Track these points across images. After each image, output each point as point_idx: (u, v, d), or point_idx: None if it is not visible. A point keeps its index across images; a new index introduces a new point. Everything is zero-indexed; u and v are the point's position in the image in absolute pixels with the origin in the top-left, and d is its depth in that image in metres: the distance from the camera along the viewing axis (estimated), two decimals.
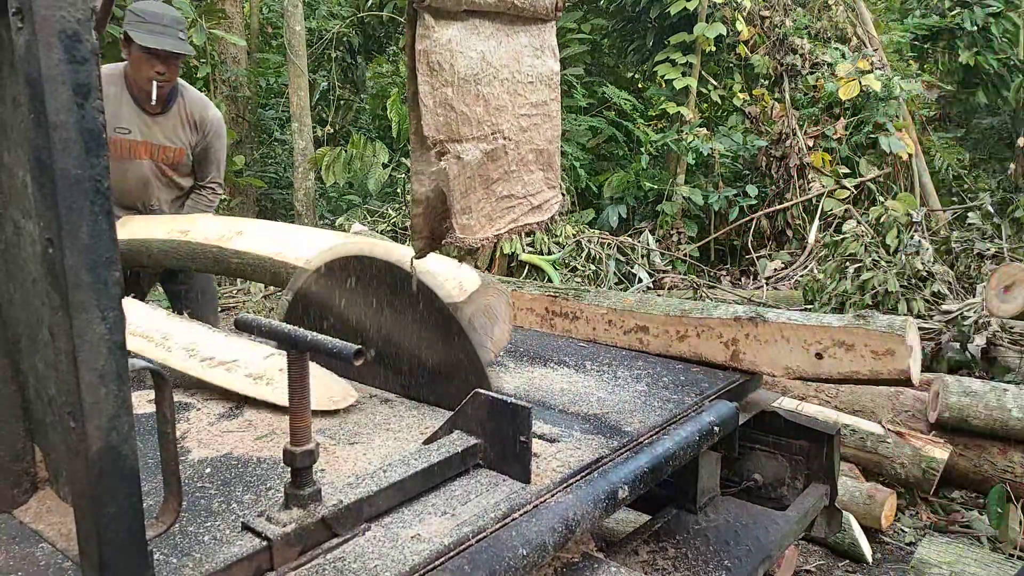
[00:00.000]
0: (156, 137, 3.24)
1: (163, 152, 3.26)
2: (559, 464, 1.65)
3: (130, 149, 3.18)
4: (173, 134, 3.27)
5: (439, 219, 1.74)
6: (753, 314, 2.27)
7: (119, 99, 3.12)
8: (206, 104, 3.41)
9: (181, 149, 3.31)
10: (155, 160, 3.26)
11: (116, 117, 3.10)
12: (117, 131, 3.11)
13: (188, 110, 3.30)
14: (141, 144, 3.20)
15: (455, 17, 1.61)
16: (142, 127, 3.19)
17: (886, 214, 6.39)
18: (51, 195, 0.83)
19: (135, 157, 3.20)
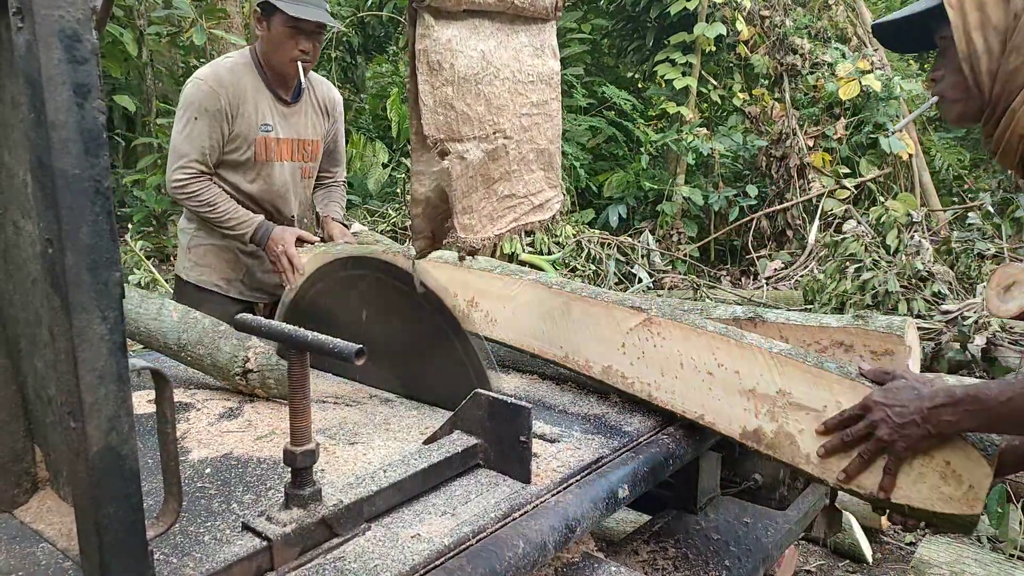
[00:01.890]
0: (295, 131, 2.77)
1: (303, 148, 2.80)
2: (559, 464, 1.65)
3: (273, 149, 2.70)
4: (309, 124, 2.82)
5: (440, 219, 1.74)
6: (752, 314, 2.27)
7: (258, 91, 2.64)
8: (329, 84, 2.96)
9: (318, 142, 2.85)
10: (295, 160, 2.79)
11: (258, 113, 2.63)
12: (261, 129, 2.64)
13: (317, 94, 2.84)
14: (284, 142, 2.73)
15: (455, 17, 1.61)
16: (282, 122, 2.72)
17: (886, 214, 6.39)
18: (51, 195, 0.83)
19: (276, 159, 2.72)
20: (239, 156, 2.67)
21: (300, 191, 2.86)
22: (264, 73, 2.67)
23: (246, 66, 2.67)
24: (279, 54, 2.61)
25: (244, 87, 2.62)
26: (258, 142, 2.66)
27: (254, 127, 2.65)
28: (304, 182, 2.87)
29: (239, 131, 2.62)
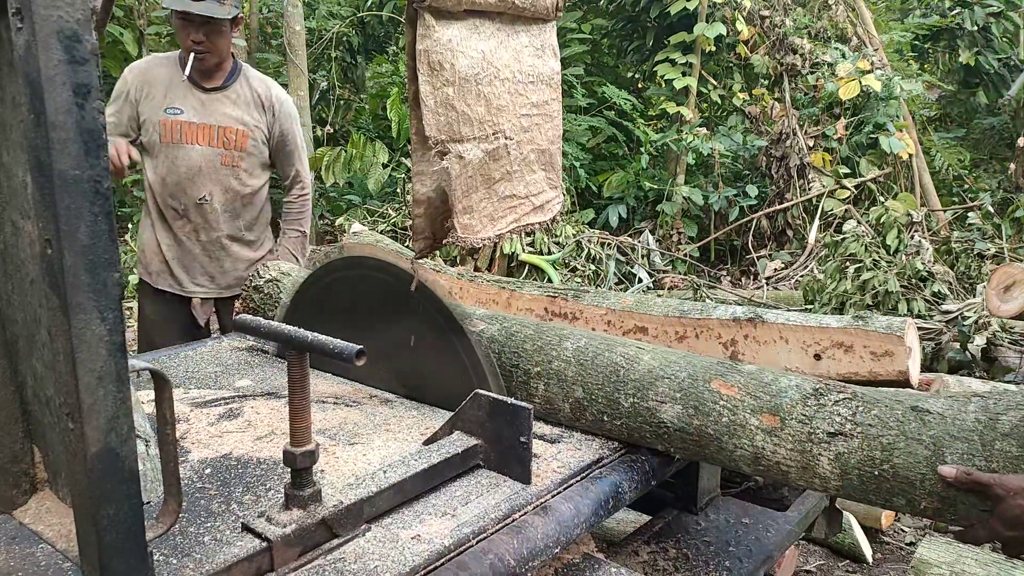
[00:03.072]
0: (215, 117, 2.88)
1: (223, 134, 2.89)
2: (559, 465, 1.65)
3: (181, 131, 2.83)
4: (234, 114, 2.92)
5: (441, 219, 1.74)
6: (752, 315, 2.27)
7: (171, 79, 2.84)
8: (273, 84, 3.08)
9: (245, 132, 2.93)
10: (213, 145, 2.88)
11: (167, 97, 2.82)
12: (167, 112, 2.82)
13: (252, 87, 2.97)
14: (197, 127, 2.86)
15: (456, 17, 1.61)
16: (197, 106, 2.86)
17: (886, 214, 6.38)
18: (50, 195, 0.82)
19: (186, 141, 2.84)
20: (148, 137, 2.88)
21: (222, 179, 2.93)
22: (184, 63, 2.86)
23: (168, 57, 2.93)
24: (181, 46, 2.83)
25: (157, 74, 2.85)
26: (163, 124, 2.84)
27: (159, 110, 2.83)
28: (228, 171, 2.94)
29: (145, 114, 2.84)
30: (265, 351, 2.39)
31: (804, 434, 1.49)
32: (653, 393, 1.68)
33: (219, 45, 2.84)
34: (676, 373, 1.68)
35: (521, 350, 1.87)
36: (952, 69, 10.09)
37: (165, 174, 2.88)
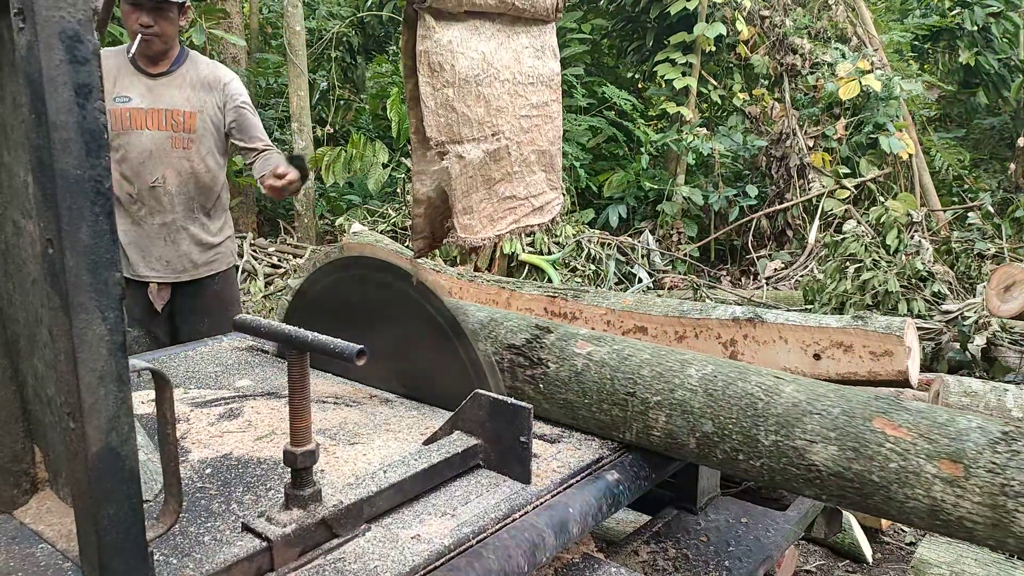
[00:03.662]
0: (163, 101, 2.92)
1: (171, 117, 2.92)
2: (559, 464, 1.65)
3: (130, 118, 2.87)
4: (182, 96, 2.95)
5: (440, 219, 1.74)
6: (751, 315, 2.27)
7: (119, 69, 2.88)
8: (217, 65, 3.11)
9: (192, 113, 2.95)
10: (162, 129, 2.91)
11: (114, 86, 2.86)
12: (116, 101, 2.85)
13: (198, 71, 3.00)
14: (146, 112, 2.89)
15: (456, 18, 1.61)
16: (144, 92, 2.89)
17: (886, 214, 6.39)
18: (51, 195, 0.83)
19: (135, 127, 2.88)
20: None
21: (174, 161, 2.96)
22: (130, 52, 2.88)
23: (117, 50, 2.95)
24: (128, 29, 2.84)
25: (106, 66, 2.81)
26: (112, 113, 2.84)
27: (108, 100, 2.81)
28: (180, 153, 2.96)
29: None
30: (265, 351, 2.40)
31: (995, 486, 1.29)
32: (800, 431, 1.48)
33: (166, 30, 2.87)
34: (828, 408, 1.49)
35: (637, 376, 1.70)
36: (952, 69, 10.09)
37: (119, 160, 2.91)
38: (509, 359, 1.91)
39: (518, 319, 2.01)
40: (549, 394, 1.83)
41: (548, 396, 1.84)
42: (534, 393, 1.86)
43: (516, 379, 1.91)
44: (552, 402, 1.84)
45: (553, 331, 1.92)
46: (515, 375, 1.91)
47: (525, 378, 1.89)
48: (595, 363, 1.77)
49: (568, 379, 1.80)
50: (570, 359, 1.82)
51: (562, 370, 1.82)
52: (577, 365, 1.80)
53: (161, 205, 2.96)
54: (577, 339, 1.86)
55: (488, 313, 2.07)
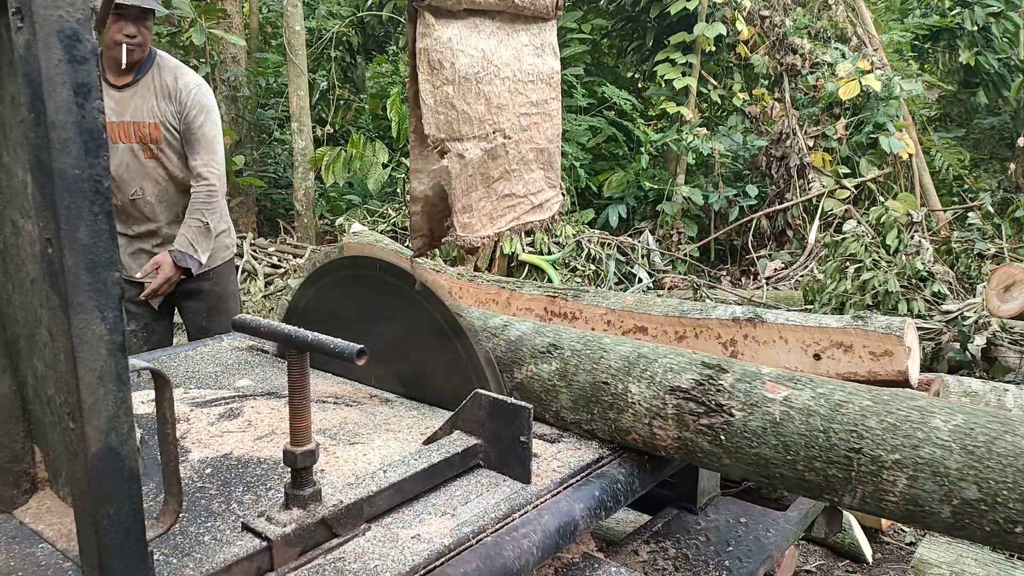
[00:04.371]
0: (128, 114, 2.88)
1: (138, 130, 2.89)
2: (559, 464, 1.65)
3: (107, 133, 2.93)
4: (145, 107, 2.90)
5: (439, 218, 1.74)
6: (751, 315, 2.27)
7: None
8: (182, 70, 2.99)
9: (155, 124, 2.90)
10: (132, 141, 2.89)
11: None
12: None
13: (161, 78, 2.92)
14: (115, 126, 2.86)
15: (456, 16, 1.61)
16: (113, 106, 2.86)
17: (886, 214, 6.39)
18: (50, 195, 0.83)
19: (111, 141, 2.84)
20: None
21: (150, 171, 2.95)
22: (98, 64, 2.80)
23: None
24: (106, 39, 2.74)
25: None
26: None
27: None
28: (154, 163, 2.95)
29: None
30: (265, 351, 2.39)
31: None
32: None
33: (147, 38, 2.86)
34: None
35: (862, 428, 1.41)
36: (952, 69, 10.10)
37: None
38: (675, 405, 1.61)
39: (675, 355, 1.71)
40: (734, 448, 1.54)
41: (733, 450, 1.54)
42: (711, 446, 1.57)
43: (686, 428, 1.60)
44: (738, 457, 1.54)
45: (728, 370, 1.62)
46: (683, 423, 1.60)
47: (699, 428, 1.58)
48: (798, 411, 1.48)
49: (761, 430, 1.50)
50: (761, 406, 1.51)
51: (752, 419, 1.51)
52: (773, 413, 1.49)
53: (144, 215, 2.98)
54: (764, 380, 1.57)
55: (632, 347, 1.78)
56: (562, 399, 1.81)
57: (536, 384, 1.85)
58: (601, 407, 1.73)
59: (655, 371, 1.68)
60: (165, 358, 2.34)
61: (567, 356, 1.83)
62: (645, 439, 1.67)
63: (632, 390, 1.68)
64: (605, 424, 1.74)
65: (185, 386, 2.06)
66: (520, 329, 1.97)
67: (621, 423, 1.70)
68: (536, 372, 1.86)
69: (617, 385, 1.71)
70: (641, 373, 1.69)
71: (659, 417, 1.63)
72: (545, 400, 1.83)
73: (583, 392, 1.76)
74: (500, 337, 1.96)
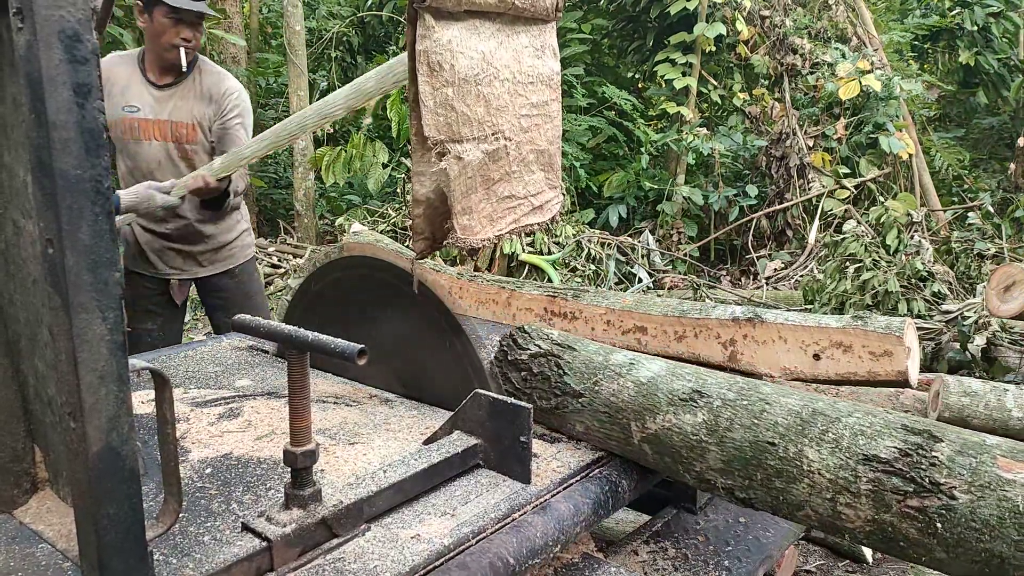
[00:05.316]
0: (167, 113, 2.99)
1: (176, 130, 3.00)
2: (559, 464, 1.65)
3: (139, 129, 2.95)
4: (185, 108, 3.01)
5: (440, 220, 1.74)
6: (751, 315, 2.28)
7: (130, 78, 2.93)
8: (224, 75, 3.13)
9: (193, 125, 3.02)
10: (168, 140, 3.00)
11: (124, 96, 2.92)
12: (125, 110, 2.92)
13: (203, 81, 3.04)
14: (152, 123, 2.97)
15: (455, 17, 1.61)
16: (152, 104, 2.96)
17: (886, 214, 6.39)
18: (51, 195, 0.83)
19: (144, 138, 2.96)
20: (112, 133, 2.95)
21: (182, 171, 3.01)
22: (143, 61, 2.94)
23: (127, 56, 3.01)
24: (161, 42, 2.86)
25: (117, 73, 2.92)
26: (121, 122, 2.93)
27: (117, 108, 2.91)
28: (186, 163, 3.03)
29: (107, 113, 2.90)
30: (265, 351, 2.40)
31: None
32: None
33: (199, 41, 2.97)
34: None
35: None
36: (952, 69, 10.10)
37: (132, 167, 3.00)
38: (871, 479, 1.32)
39: (863, 415, 1.42)
40: (956, 541, 1.24)
41: (953, 543, 1.24)
42: (921, 535, 1.27)
43: (886, 510, 1.30)
44: (959, 552, 1.24)
45: (943, 439, 1.32)
46: (882, 503, 1.30)
47: (905, 511, 1.28)
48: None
49: (996, 520, 1.21)
50: (996, 489, 1.22)
51: (983, 505, 1.22)
52: (1014, 499, 1.20)
53: (173, 211, 2.99)
54: (994, 455, 1.27)
55: (803, 401, 1.49)
56: (710, 459, 1.51)
57: (676, 438, 1.56)
58: (764, 473, 1.44)
59: (840, 433, 1.39)
60: (165, 358, 2.34)
61: (717, 407, 1.53)
62: (825, 518, 1.38)
63: (809, 455, 1.39)
64: (768, 494, 1.45)
65: (185, 386, 2.06)
66: (652, 369, 1.69)
67: (791, 496, 1.41)
68: (676, 423, 1.56)
69: (787, 448, 1.41)
70: (821, 435, 1.41)
71: (848, 493, 1.34)
72: (687, 458, 1.55)
73: (739, 453, 1.47)
74: (627, 377, 1.68)
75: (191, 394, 1.99)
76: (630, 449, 1.66)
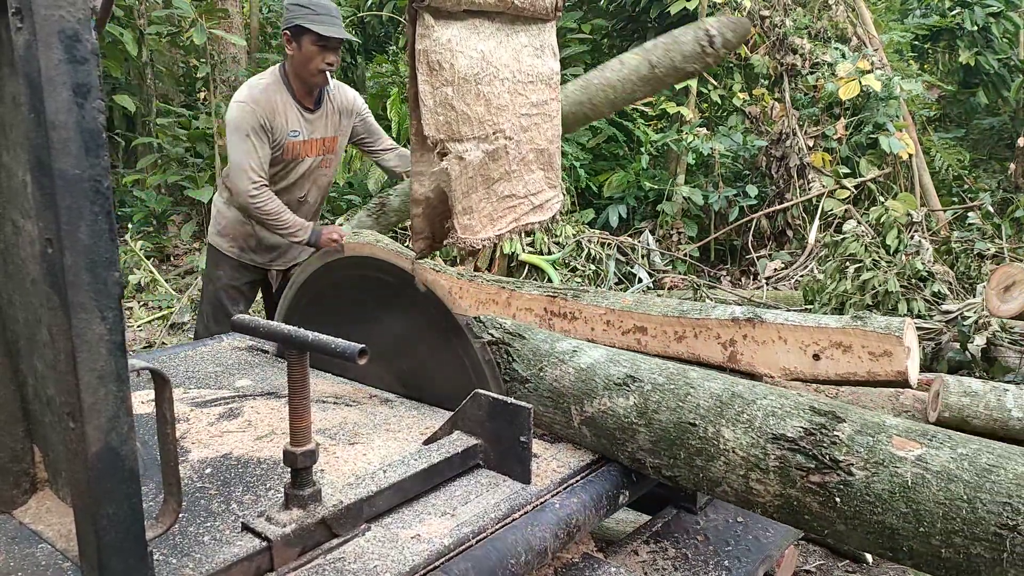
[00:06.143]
0: (318, 132, 3.27)
1: (324, 144, 3.30)
2: (559, 464, 1.65)
3: (300, 150, 3.22)
4: (330, 124, 3.30)
5: (440, 219, 1.74)
6: (751, 315, 2.27)
7: (287, 105, 3.14)
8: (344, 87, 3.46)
9: (335, 138, 3.35)
10: (317, 155, 3.29)
11: (287, 123, 3.14)
12: (289, 136, 3.16)
13: (337, 99, 3.33)
14: (309, 143, 3.24)
15: (455, 17, 1.61)
16: (306, 127, 3.22)
17: (886, 214, 6.38)
18: (50, 195, 0.83)
19: (300, 157, 3.24)
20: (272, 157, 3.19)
21: (318, 178, 3.36)
22: (291, 87, 3.15)
23: (275, 84, 3.16)
24: (309, 68, 3.07)
25: (275, 103, 3.11)
26: (287, 146, 3.18)
27: (285, 134, 3.15)
28: (322, 171, 3.37)
29: (276, 139, 3.15)
30: (265, 351, 2.40)
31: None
32: None
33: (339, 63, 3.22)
34: None
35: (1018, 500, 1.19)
36: (952, 69, 10.10)
37: (276, 178, 3.22)
38: (778, 456, 1.39)
39: (777, 396, 1.51)
40: (853, 513, 1.31)
41: (850, 516, 1.32)
42: (822, 508, 1.35)
43: (791, 485, 1.38)
44: (856, 524, 1.32)
45: (845, 419, 1.40)
46: (788, 479, 1.38)
47: (808, 486, 1.36)
48: (934, 474, 1.26)
49: (888, 495, 1.28)
50: (888, 465, 1.29)
51: (876, 481, 1.29)
52: (904, 475, 1.27)
53: (299, 214, 3.27)
54: (891, 434, 1.35)
55: (724, 384, 1.58)
56: (640, 439, 1.59)
57: (610, 420, 1.64)
58: (687, 452, 1.52)
59: (753, 414, 1.46)
60: (165, 358, 2.34)
61: (647, 390, 1.61)
62: (739, 493, 1.46)
63: (725, 435, 1.46)
64: (690, 472, 1.52)
65: (185, 386, 2.06)
66: (592, 356, 1.76)
67: (710, 473, 1.49)
68: (610, 407, 1.64)
69: (707, 428, 1.49)
70: (736, 416, 1.48)
71: (758, 469, 1.41)
72: (620, 439, 1.63)
73: (665, 434, 1.55)
74: (569, 364, 1.75)
75: (191, 394, 1.99)
76: (571, 432, 1.74)
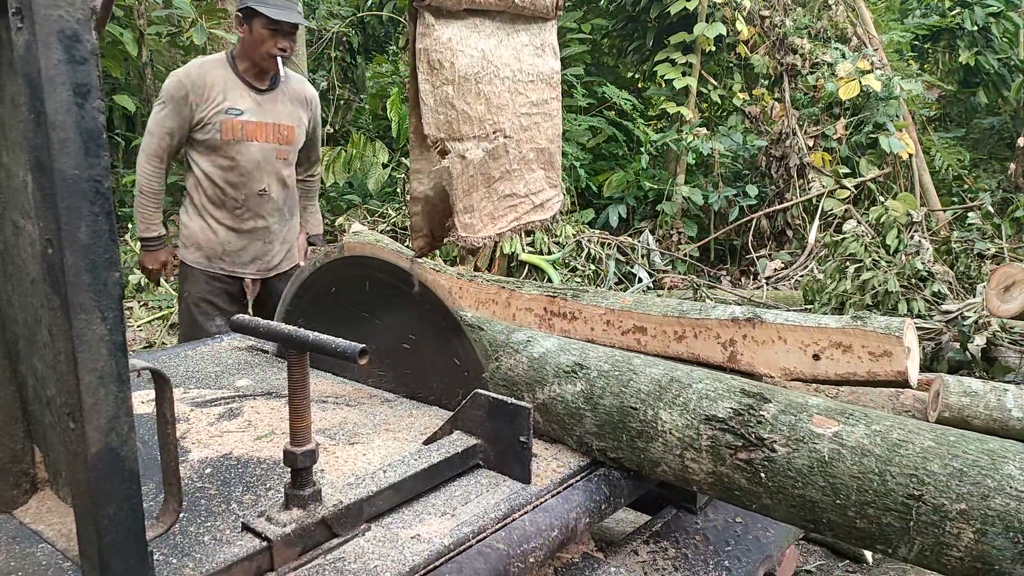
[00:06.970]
0: (270, 115, 3.14)
1: (278, 131, 3.17)
2: (559, 464, 1.65)
3: (242, 130, 3.07)
4: (285, 111, 3.18)
5: (440, 218, 1.74)
6: (750, 315, 2.27)
7: (226, 81, 3.04)
8: (303, 79, 3.37)
9: (293, 127, 3.21)
10: (270, 141, 3.15)
11: (225, 99, 3.03)
12: (229, 112, 3.03)
13: (292, 87, 3.23)
14: (256, 125, 3.10)
15: (456, 16, 1.61)
16: (253, 106, 3.09)
17: (886, 214, 6.38)
18: (50, 195, 0.83)
19: (247, 139, 3.08)
20: (205, 135, 3.05)
21: (277, 171, 3.20)
22: (235, 66, 3.08)
23: (217, 61, 3.11)
24: (260, 52, 3.01)
25: (213, 77, 3.03)
26: (224, 123, 3.04)
27: (220, 111, 3.03)
28: (281, 163, 3.21)
29: (202, 115, 3.02)
30: (265, 351, 2.40)
31: None
32: None
33: (294, 49, 3.13)
34: None
35: (923, 472, 1.26)
36: (952, 69, 10.10)
37: (228, 168, 3.10)
38: (710, 436, 1.48)
39: (711, 380, 1.59)
40: (776, 488, 1.39)
41: (775, 490, 1.40)
42: (750, 484, 1.43)
43: (722, 463, 1.46)
44: (780, 498, 1.40)
45: (771, 400, 1.48)
46: (719, 457, 1.47)
47: (736, 463, 1.44)
48: (850, 449, 1.33)
49: (807, 470, 1.36)
50: (808, 442, 1.37)
51: (797, 456, 1.37)
52: (821, 451, 1.35)
53: (263, 210, 3.19)
54: (812, 413, 1.43)
55: (664, 370, 1.65)
56: (587, 423, 1.66)
57: (559, 406, 1.71)
58: (628, 435, 1.59)
59: (688, 397, 1.55)
60: (165, 358, 2.34)
61: (593, 377, 1.68)
62: (676, 472, 1.54)
63: (663, 417, 1.54)
64: (632, 453, 1.60)
65: (185, 386, 2.06)
66: (544, 346, 1.83)
67: (650, 453, 1.56)
68: (560, 393, 1.72)
69: (646, 411, 1.57)
70: (673, 399, 1.56)
71: (692, 449, 1.49)
72: (568, 424, 1.70)
73: (609, 417, 1.63)
74: (522, 353, 1.82)
75: (191, 394, 1.99)
76: None
